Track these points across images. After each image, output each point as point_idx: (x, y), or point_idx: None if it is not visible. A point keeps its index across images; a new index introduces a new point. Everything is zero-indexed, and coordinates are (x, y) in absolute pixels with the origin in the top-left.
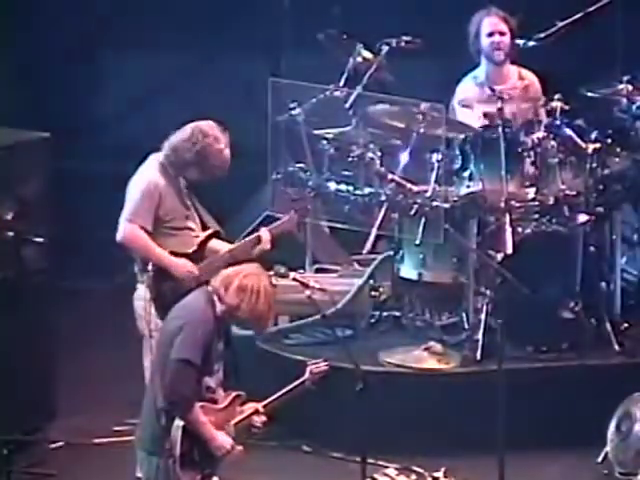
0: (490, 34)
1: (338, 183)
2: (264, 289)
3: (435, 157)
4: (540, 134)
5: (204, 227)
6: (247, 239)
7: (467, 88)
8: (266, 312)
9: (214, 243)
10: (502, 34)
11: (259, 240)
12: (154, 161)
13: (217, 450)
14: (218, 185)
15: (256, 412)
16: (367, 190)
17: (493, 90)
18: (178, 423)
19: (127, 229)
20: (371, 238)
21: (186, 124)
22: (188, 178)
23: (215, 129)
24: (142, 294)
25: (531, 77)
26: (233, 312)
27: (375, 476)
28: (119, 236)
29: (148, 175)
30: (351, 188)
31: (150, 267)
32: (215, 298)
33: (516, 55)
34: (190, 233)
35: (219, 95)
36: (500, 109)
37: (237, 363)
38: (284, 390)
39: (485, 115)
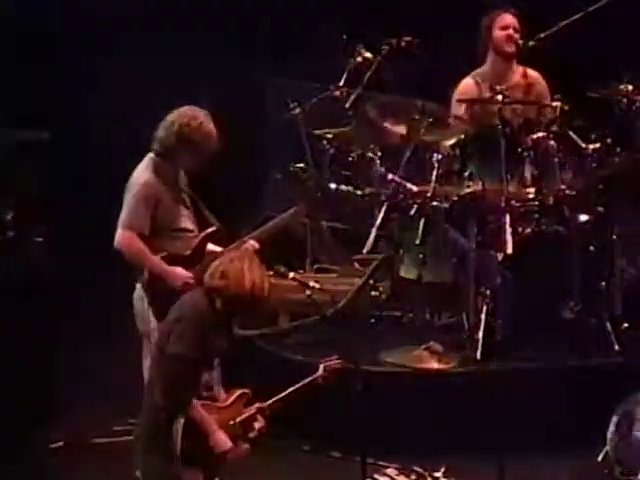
0: (504, 27)
1: (338, 183)
2: (247, 268)
3: (435, 157)
4: (540, 134)
5: (205, 226)
6: (233, 245)
7: (467, 87)
8: (255, 290)
9: (211, 246)
10: (516, 30)
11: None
12: (148, 161)
13: (215, 447)
14: (218, 185)
15: (261, 410)
16: (367, 190)
17: (493, 90)
18: (179, 421)
19: (123, 236)
20: (371, 238)
21: None
22: (182, 165)
23: (191, 109)
24: (140, 294)
25: (536, 76)
26: (225, 300)
27: (375, 476)
28: (116, 243)
29: (142, 178)
30: (351, 188)
31: (145, 272)
32: (211, 293)
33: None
34: (188, 234)
35: (219, 95)
36: (500, 109)
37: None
38: (293, 388)
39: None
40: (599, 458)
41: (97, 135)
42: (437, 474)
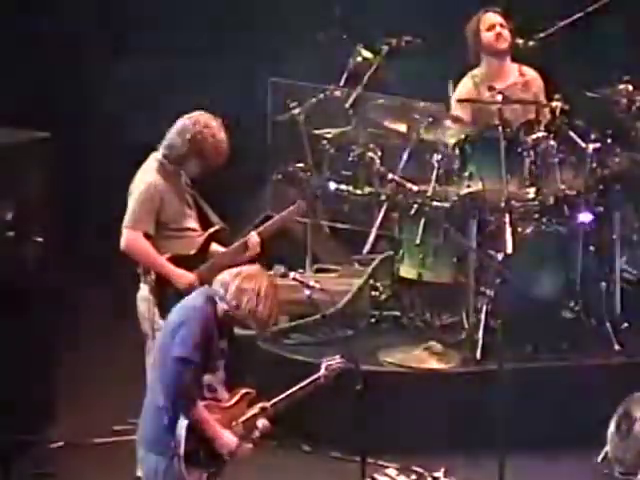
0: (490, 27)
1: (338, 183)
2: (264, 291)
3: (435, 157)
4: (540, 134)
5: (208, 225)
6: (236, 244)
7: (465, 87)
8: (266, 314)
9: (214, 245)
10: (502, 26)
11: (246, 245)
12: (153, 161)
13: (221, 449)
14: (218, 185)
15: (264, 410)
16: (367, 190)
17: (492, 88)
18: (183, 422)
19: (129, 237)
20: (371, 238)
21: None
22: (189, 172)
23: (206, 117)
24: (145, 295)
25: (533, 74)
26: (233, 313)
27: (375, 476)
28: (122, 244)
29: (147, 178)
30: (351, 188)
31: (152, 273)
32: (216, 298)
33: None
34: (192, 234)
35: (219, 95)
36: (500, 109)
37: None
38: (295, 388)
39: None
40: (599, 458)
41: (97, 135)
42: (437, 474)
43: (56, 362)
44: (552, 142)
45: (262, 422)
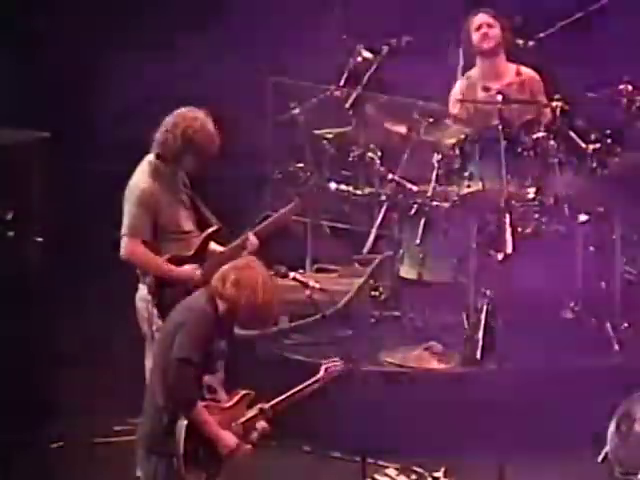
0: (477, 27)
1: (338, 183)
2: (261, 282)
3: (435, 157)
4: (540, 134)
5: (206, 225)
6: (234, 243)
7: (461, 88)
8: (266, 306)
9: (212, 245)
10: (490, 26)
11: (244, 244)
12: (146, 165)
13: (222, 449)
14: (218, 185)
15: (262, 412)
16: (367, 190)
17: (486, 89)
18: (182, 422)
19: (129, 246)
20: (371, 238)
21: None
22: (186, 168)
23: (192, 110)
24: (144, 295)
25: (530, 73)
26: (233, 308)
27: (375, 476)
28: (122, 252)
29: (141, 183)
30: (351, 188)
31: (150, 277)
32: (216, 298)
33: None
34: (190, 235)
35: (219, 95)
36: (500, 109)
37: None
38: (295, 389)
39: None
40: (599, 458)
41: (97, 135)
42: (437, 474)
43: (56, 362)
44: (552, 142)
45: (261, 424)
